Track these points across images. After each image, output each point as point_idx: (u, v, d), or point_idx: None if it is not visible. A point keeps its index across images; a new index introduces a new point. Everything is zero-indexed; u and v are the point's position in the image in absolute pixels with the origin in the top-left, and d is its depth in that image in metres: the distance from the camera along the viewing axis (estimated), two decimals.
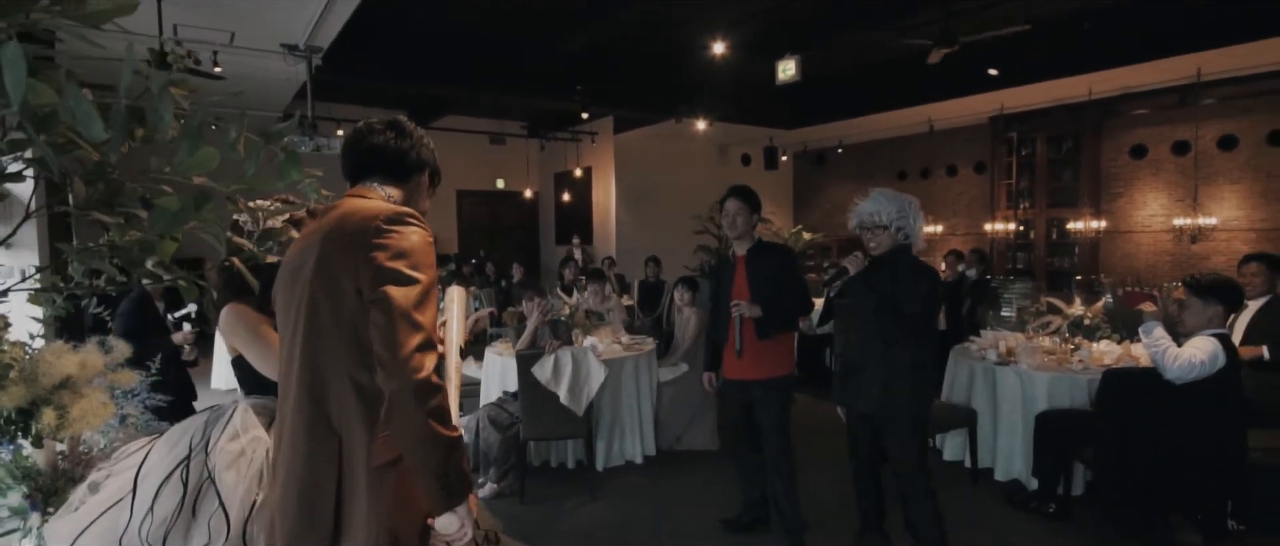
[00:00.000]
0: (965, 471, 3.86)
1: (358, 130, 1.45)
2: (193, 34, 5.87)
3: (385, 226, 1.25)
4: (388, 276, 1.20)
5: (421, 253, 1.26)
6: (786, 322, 2.98)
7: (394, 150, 1.42)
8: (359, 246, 1.23)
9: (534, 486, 3.78)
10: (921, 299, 2.59)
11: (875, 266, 2.71)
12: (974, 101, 8.88)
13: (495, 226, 13.14)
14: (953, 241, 10.66)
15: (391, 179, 1.42)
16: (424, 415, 1.16)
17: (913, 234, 2.68)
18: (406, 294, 1.19)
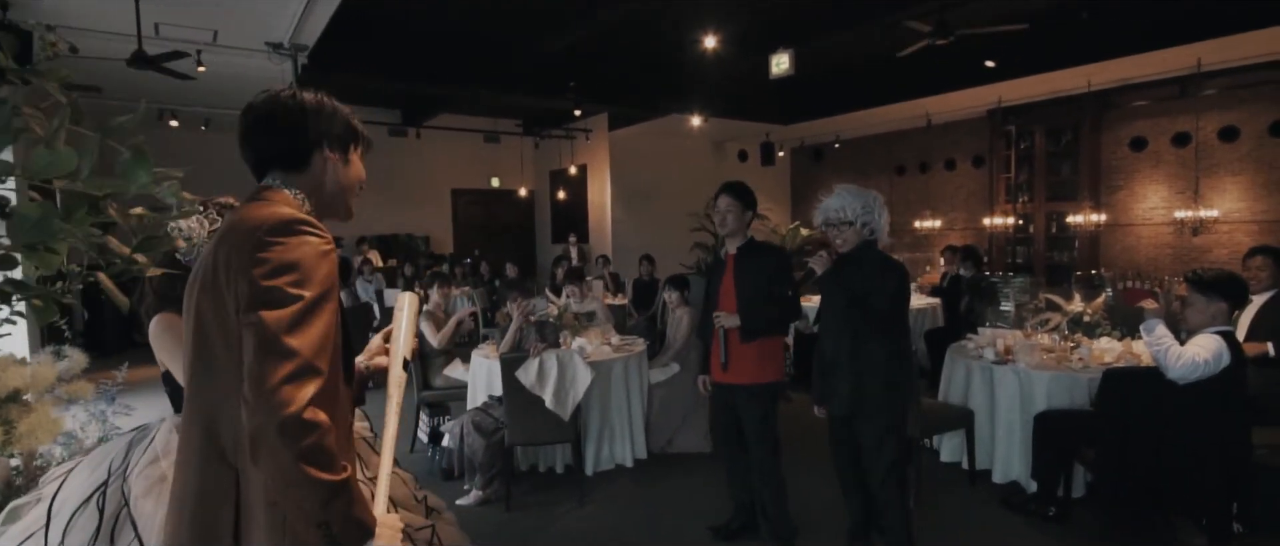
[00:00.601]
0: (963, 473, 3.77)
1: (241, 119, 1.24)
2: (175, 32, 5.78)
3: (267, 238, 1.08)
4: (261, 297, 1.05)
5: (310, 265, 1.09)
6: (772, 327, 2.87)
7: (280, 135, 1.22)
8: (238, 261, 1.08)
9: (521, 493, 3.70)
10: (890, 294, 2.56)
11: (843, 263, 2.69)
12: (971, 94, 8.78)
13: (491, 225, 13.05)
14: (951, 236, 10.57)
15: (290, 168, 1.23)
16: (294, 456, 1.00)
17: (878, 229, 2.67)
18: (280, 316, 1.04)
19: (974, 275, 6.11)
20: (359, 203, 5.05)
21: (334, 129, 1.27)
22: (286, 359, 1.02)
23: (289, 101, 1.23)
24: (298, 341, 1.04)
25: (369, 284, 9.14)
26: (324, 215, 1.29)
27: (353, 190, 1.34)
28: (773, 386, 2.90)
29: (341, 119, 1.29)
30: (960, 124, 10.34)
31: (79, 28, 5.40)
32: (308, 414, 1.02)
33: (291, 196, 1.22)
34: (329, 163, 1.26)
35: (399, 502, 1.89)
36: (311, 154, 1.25)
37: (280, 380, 1.01)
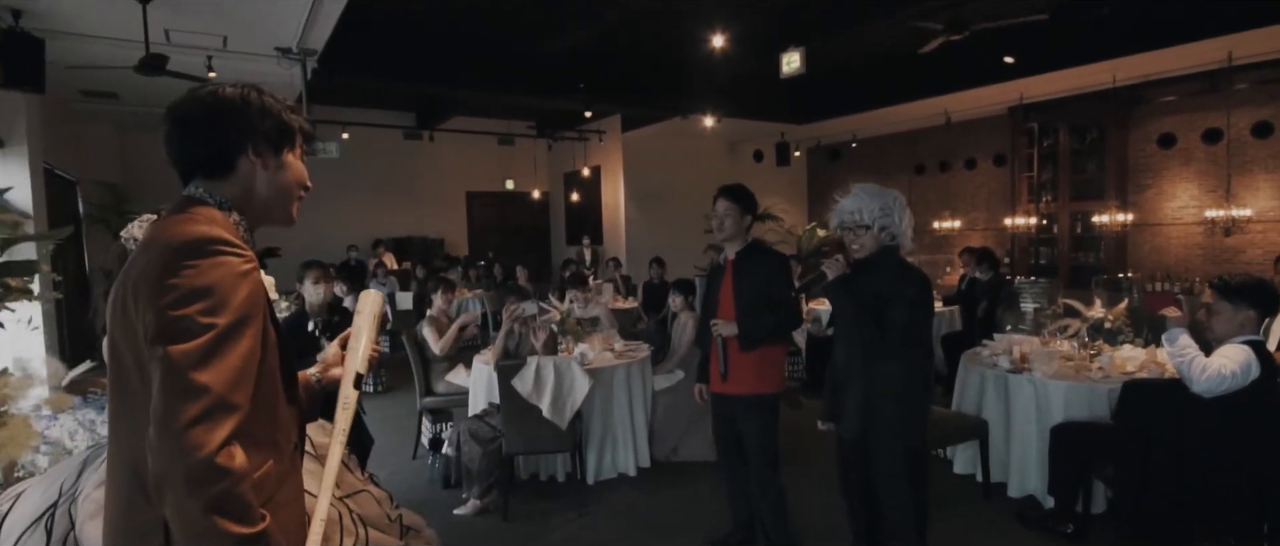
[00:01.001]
0: (976, 485, 3.62)
1: (164, 119, 1.12)
2: (185, 38, 5.82)
3: (178, 263, 0.98)
4: (168, 329, 0.95)
5: (225, 289, 0.99)
6: (771, 335, 2.77)
7: (199, 139, 1.11)
8: (146, 289, 0.99)
9: (520, 501, 3.63)
10: (909, 305, 2.36)
11: (858, 270, 2.51)
12: (992, 91, 8.55)
13: (506, 227, 13.06)
14: (972, 237, 10.33)
15: (214, 175, 1.12)
16: (202, 506, 0.91)
17: (899, 233, 2.47)
18: (187, 350, 0.94)
19: (990, 278, 5.92)
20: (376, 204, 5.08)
21: (262, 128, 1.14)
22: (195, 397, 0.93)
23: (208, 99, 1.12)
24: (208, 377, 0.95)
25: (382, 287, 9.18)
26: (261, 223, 1.19)
27: (293, 194, 1.22)
28: (772, 397, 2.80)
29: (273, 116, 1.16)
30: (981, 122, 10.09)
31: (89, 35, 5.46)
32: (219, 458, 0.93)
33: (216, 210, 1.11)
34: (257, 167, 1.14)
35: (371, 523, 1.83)
36: (236, 159, 1.13)
37: (188, 421, 0.92)
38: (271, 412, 1.13)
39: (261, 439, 1.09)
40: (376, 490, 1.90)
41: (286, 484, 1.15)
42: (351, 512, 1.71)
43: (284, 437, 1.18)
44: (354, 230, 11.14)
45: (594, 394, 3.82)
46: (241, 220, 1.15)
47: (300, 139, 1.23)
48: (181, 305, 0.96)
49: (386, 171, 11.66)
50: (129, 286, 1.01)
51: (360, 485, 1.84)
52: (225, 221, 1.11)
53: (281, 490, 1.13)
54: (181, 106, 1.12)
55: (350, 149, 10.43)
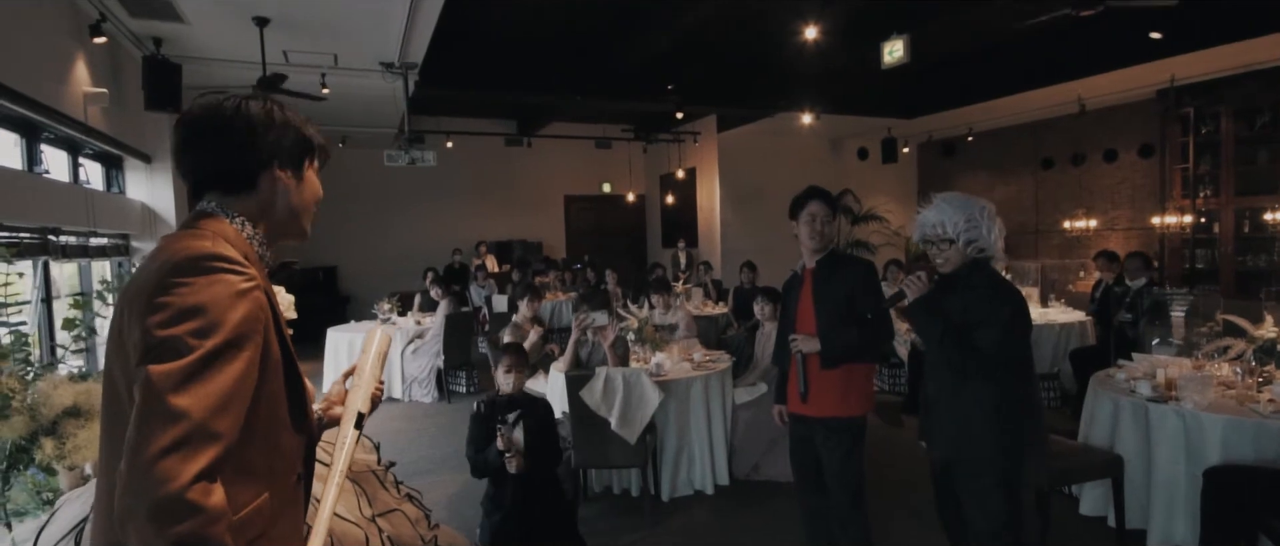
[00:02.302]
0: (1108, 531, 3.12)
1: (174, 129, 1.10)
2: (301, 58, 6.25)
3: (172, 279, 0.93)
4: (154, 349, 0.89)
5: (219, 309, 0.93)
6: (857, 353, 2.49)
7: (221, 153, 1.07)
8: (138, 307, 0.94)
9: (591, 516, 3.54)
10: (1003, 325, 2.08)
11: (944, 287, 2.22)
12: (1136, 73, 7.54)
13: (603, 230, 13.18)
14: (1111, 239, 9.22)
15: (233, 191, 1.09)
16: (166, 544, 0.83)
17: (989, 246, 2.17)
18: (169, 372, 0.87)
19: (1141, 284, 5.18)
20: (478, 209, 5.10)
21: (285, 144, 1.12)
22: (171, 423, 0.86)
23: (233, 113, 1.08)
24: (187, 401, 0.87)
25: (481, 289, 9.50)
26: (278, 239, 1.16)
27: (309, 209, 1.19)
28: (857, 421, 2.53)
29: (294, 131, 1.14)
30: (1122, 108, 8.97)
31: (218, 59, 5.98)
32: (191, 493, 0.85)
33: (231, 225, 1.07)
34: (279, 183, 1.12)
35: (402, 543, 1.79)
36: (259, 174, 1.10)
37: (159, 451, 0.84)
38: (271, 440, 1.06)
39: (257, 468, 1.03)
40: (412, 509, 1.85)
41: (282, 519, 1.08)
42: (381, 533, 1.66)
43: (285, 467, 1.11)
44: (458, 234, 11.63)
45: (669, 406, 3.67)
46: (256, 234, 1.11)
47: (318, 153, 1.20)
48: (170, 325, 0.91)
49: (488, 177, 12.10)
50: (125, 308, 0.97)
51: (393, 504, 1.80)
52: (236, 236, 1.07)
53: (276, 525, 1.06)
54: (202, 117, 1.08)
55: (454, 156, 10.92)
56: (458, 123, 10.70)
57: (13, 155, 4.43)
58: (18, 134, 4.44)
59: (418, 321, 6.94)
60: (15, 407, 1.89)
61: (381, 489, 1.85)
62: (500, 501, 2.69)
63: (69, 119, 4.54)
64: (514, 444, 2.57)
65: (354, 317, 8.49)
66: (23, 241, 4.08)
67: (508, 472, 2.59)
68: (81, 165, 5.29)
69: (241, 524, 0.99)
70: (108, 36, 4.90)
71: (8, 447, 1.94)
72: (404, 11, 5.16)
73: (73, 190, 4.87)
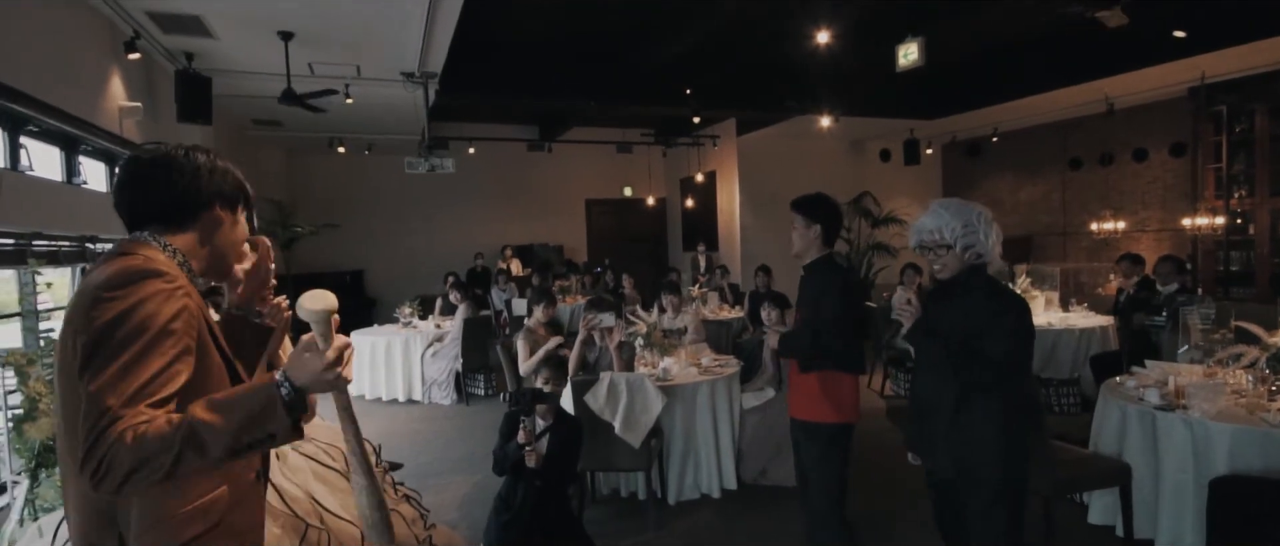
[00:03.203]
0: (1116, 540, 3.08)
1: (123, 166, 1.21)
2: (325, 69, 6.45)
3: (103, 295, 1.01)
4: (89, 361, 0.98)
5: (148, 311, 1.02)
6: (806, 358, 2.51)
7: (166, 190, 1.16)
8: (75, 324, 1.03)
9: (597, 518, 3.60)
10: (1009, 333, 2.08)
11: (942, 295, 2.23)
12: (1165, 71, 7.36)
13: (624, 234, 13.26)
14: (1142, 241, 9.01)
15: (171, 225, 1.18)
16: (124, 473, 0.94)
17: (986, 252, 2.16)
18: (105, 379, 0.97)
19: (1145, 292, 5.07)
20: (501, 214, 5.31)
21: (225, 189, 1.23)
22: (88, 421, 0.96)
23: (183, 159, 1.19)
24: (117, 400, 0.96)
25: (503, 293, 9.64)
26: (206, 274, 1.24)
27: (237, 250, 1.29)
28: (830, 428, 2.53)
29: (233, 178, 1.25)
30: (1152, 106, 8.75)
31: (245, 72, 6.19)
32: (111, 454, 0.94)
33: (161, 251, 1.14)
34: (219, 220, 1.22)
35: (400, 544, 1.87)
36: (200, 212, 1.20)
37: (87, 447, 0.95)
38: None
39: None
40: (408, 509, 1.93)
41: (239, 510, 1.18)
42: None
43: (242, 464, 1.19)
44: (481, 238, 11.82)
45: (676, 411, 3.72)
46: (186, 263, 1.18)
47: (248, 201, 1.31)
48: (101, 337, 0.99)
49: (511, 182, 12.27)
50: (67, 326, 1.06)
51: (392, 504, 1.88)
52: (166, 260, 1.14)
53: (233, 515, 1.16)
54: (152, 160, 1.18)
55: (477, 162, 11.11)
56: (481, 129, 10.87)
57: (54, 168, 4.67)
58: (58, 147, 4.67)
59: (437, 325, 7.09)
60: (42, 409, 2.02)
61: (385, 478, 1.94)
62: (511, 501, 2.76)
63: (106, 132, 4.77)
64: (534, 438, 2.66)
65: (378, 321, 8.69)
66: (62, 249, 4.30)
67: (522, 473, 2.67)
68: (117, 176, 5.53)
69: (198, 512, 1.09)
70: (142, 52, 5.13)
71: (36, 447, 2.06)
72: (421, 23, 5.30)
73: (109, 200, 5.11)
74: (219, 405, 1.01)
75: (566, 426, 2.86)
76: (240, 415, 1.00)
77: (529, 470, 2.65)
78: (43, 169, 4.30)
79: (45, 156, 4.53)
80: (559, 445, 2.75)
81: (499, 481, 2.83)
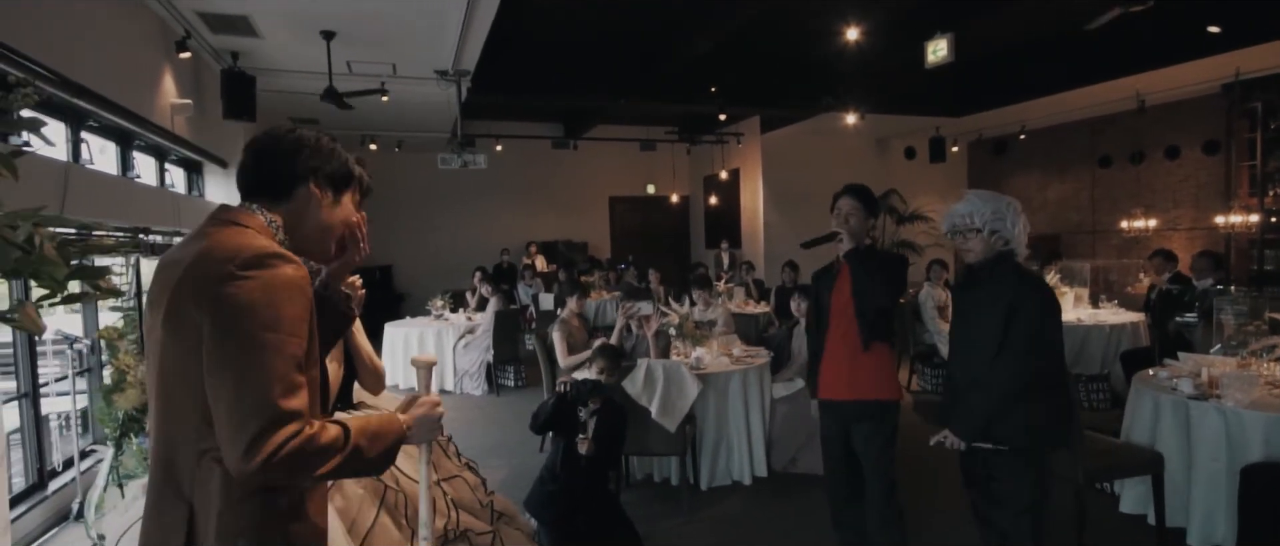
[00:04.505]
0: (1149, 529, 3.11)
1: (241, 161, 1.25)
2: (363, 68, 6.63)
3: (238, 272, 1.04)
4: (224, 342, 1.02)
5: (281, 302, 1.06)
6: (882, 318, 2.62)
7: (268, 165, 1.21)
8: (205, 296, 1.05)
9: (631, 502, 3.69)
10: (1038, 313, 2.19)
11: (969, 281, 2.38)
12: (1198, 67, 7.30)
13: (647, 231, 13.36)
14: (1174, 239, 8.90)
15: (272, 197, 1.22)
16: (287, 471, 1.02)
17: (1012, 239, 2.28)
18: (246, 362, 1.02)
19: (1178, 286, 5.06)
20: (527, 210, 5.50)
21: (327, 167, 1.25)
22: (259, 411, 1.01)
23: (286, 136, 1.24)
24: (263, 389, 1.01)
25: (529, 288, 9.80)
26: (300, 251, 1.25)
27: (336, 231, 1.31)
28: (893, 405, 2.65)
29: (340, 160, 1.28)
30: (1185, 104, 8.64)
31: (288, 70, 6.39)
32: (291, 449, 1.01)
33: (264, 221, 1.19)
34: (314, 197, 1.24)
35: (464, 506, 1.98)
36: (296, 186, 1.22)
37: (254, 434, 1.00)
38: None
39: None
40: (471, 476, 2.05)
41: (311, 502, 1.20)
42: (446, 496, 1.86)
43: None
44: (506, 234, 12.00)
45: (708, 399, 3.81)
46: (284, 240, 1.22)
47: (358, 187, 1.35)
48: (239, 317, 1.03)
49: (536, 179, 12.42)
50: (186, 294, 1.07)
51: (456, 471, 2.00)
52: (266, 231, 1.19)
53: (306, 504, 1.19)
54: (261, 140, 1.25)
55: (503, 159, 11.27)
56: (507, 126, 11.04)
57: (110, 162, 4.88)
58: (114, 142, 4.88)
59: (469, 318, 7.24)
60: (129, 381, 2.16)
61: (444, 457, 2.05)
62: (557, 474, 2.89)
63: (158, 127, 4.97)
64: (589, 427, 2.79)
65: (409, 314, 8.88)
66: (118, 240, 4.50)
67: (573, 454, 2.80)
68: (166, 170, 5.75)
69: (276, 495, 1.12)
70: (191, 52, 5.33)
71: (122, 417, 2.21)
72: (458, 22, 5.44)
73: (160, 193, 5.32)
74: (369, 437, 1.13)
75: (612, 413, 2.97)
76: (377, 452, 1.14)
77: (576, 452, 2.77)
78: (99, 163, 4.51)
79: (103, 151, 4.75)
80: (605, 430, 2.86)
81: (531, 466, 2.96)
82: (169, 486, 1.10)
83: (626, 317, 3.90)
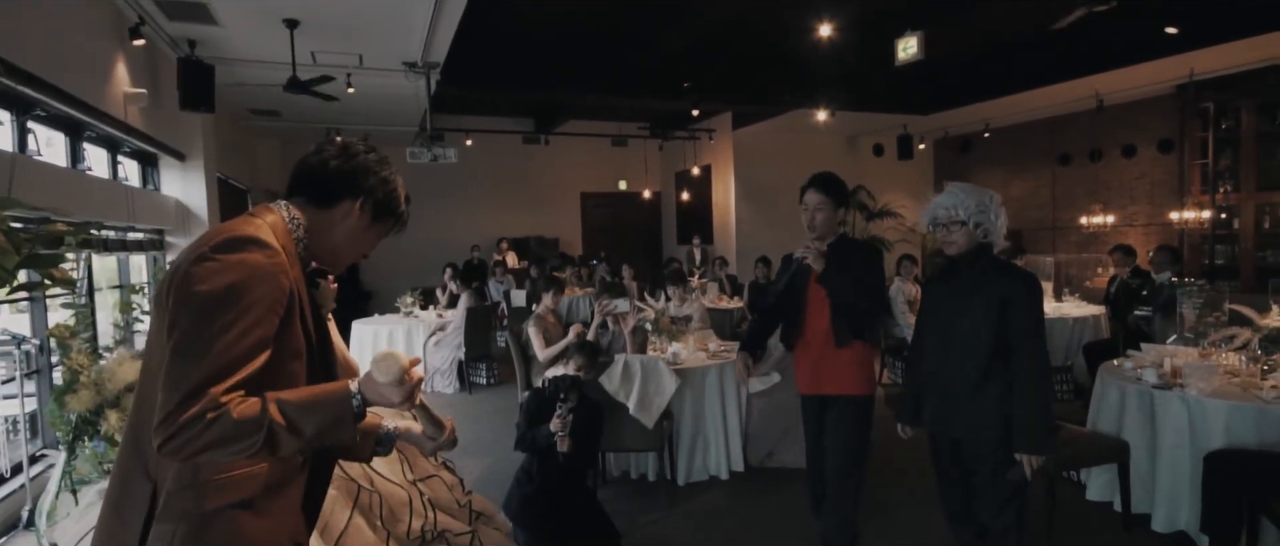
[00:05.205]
0: (1114, 516, 3.19)
1: (323, 142, 1.29)
2: (328, 58, 6.44)
3: (209, 253, 1.05)
4: (176, 322, 1.02)
5: (242, 290, 1.05)
6: (865, 320, 2.61)
7: (322, 170, 1.24)
8: (176, 277, 1.06)
9: (609, 499, 3.65)
10: (1037, 303, 2.24)
11: (949, 272, 2.39)
12: (1155, 68, 7.52)
13: (618, 227, 13.31)
14: (1130, 234, 9.19)
15: (311, 201, 1.24)
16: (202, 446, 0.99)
17: (993, 232, 2.30)
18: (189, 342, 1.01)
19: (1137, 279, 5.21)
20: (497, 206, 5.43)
21: (377, 194, 1.27)
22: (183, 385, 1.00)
23: (360, 153, 1.27)
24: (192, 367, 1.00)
25: (500, 284, 9.67)
26: (315, 256, 1.27)
27: (356, 254, 1.32)
28: (871, 401, 2.67)
29: (390, 190, 1.30)
30: (1141, 103, 8.92)
31: (249, 60, 6.18)
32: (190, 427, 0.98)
33: (283, 216, 1.20)
34: (352, 215, 1.26)
35: (440, 506, 1.92)
36: (342, 199, 1.25)
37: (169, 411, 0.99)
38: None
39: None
40: (448, 476, 1.99)
41: (278, 494, 1.17)
42: (422, 496, 1.80)
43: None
44: (477, 231, 11.83)
45: (685, 394, 3.79)
46: (304, 238, 1.22)
47: (394, 224, 1.35)
48: (196, 300, 1.03)
49: (506, 174, 12.27)
50: (170, 276, 1.09)
51: (432, 470, 1.94)
52: (283, 228, 1.18)
53: (269, 498, 1.15)
54: (337, 146, 1.26)
55: (473, 154, 11.10)
56: (476, 121, 10.88)
57: (59, 153, 4.65)
58: (63, 132, 4.65)
59: (439, 315, 7.12)
60: (83, 382, 2.05)
61: (420, 456, 1.99)
62: (534, 475, 2.83)
63: (110, 118, 4.75)
64: (567, 425, 2.71)
65: (377, 311, 8.70)
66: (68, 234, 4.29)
67: (551, 453, 2.73)
68: (120, 163, 5.51)
69: (230, 483, 1.10)
70: (146, 39, 5.11)
71: (75, 420, 2.10)
72: (427, 12, 5.32)
73: (113, 186, 5.09)
74: (298, 408, 1.06)
75: (588, 409, 2.93)
76: (315, 424, 1.07)
77: (554, 450, 2.72)
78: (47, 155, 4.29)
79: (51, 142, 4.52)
80: (581, 427, 2.82)
81: (506, 464, 2.90)
82: (137, 463, 1.11)
83: (603, 315, 3.85)
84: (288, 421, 1.04)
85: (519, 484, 2.80)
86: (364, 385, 1.14)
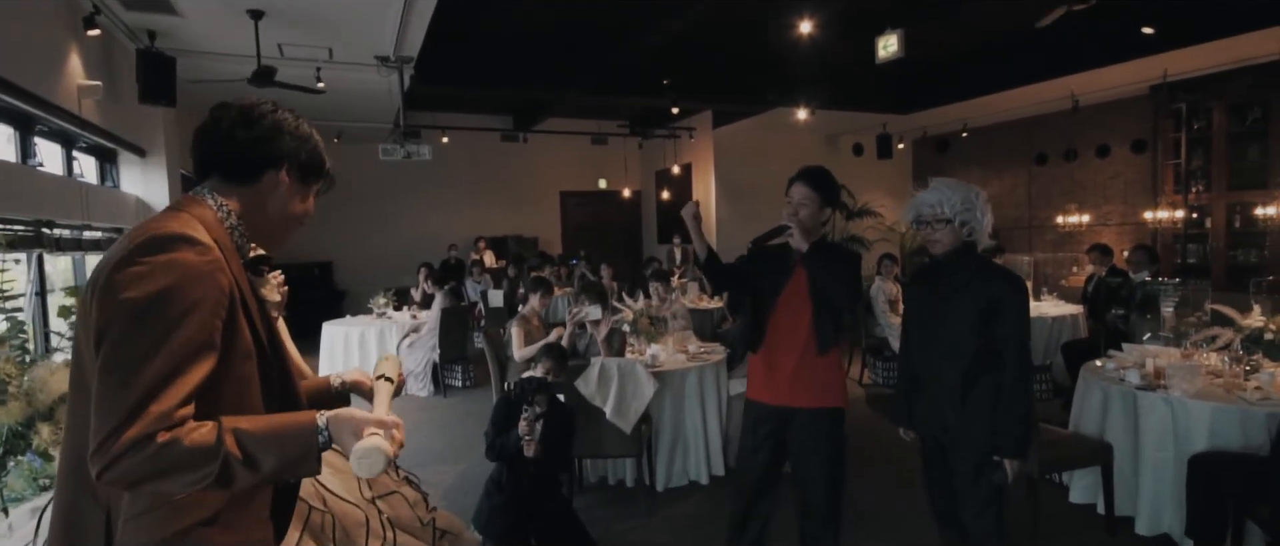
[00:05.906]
0: (1097, 518, 3.16)
1: (203, 121, 1.14)
2: (296, 52, 6.24)
3: (133, 256, 0.95)
4: (105, 334, 0.92)
5: (176, 295, 0.94)
6: (841, 325, 2.53)
7: (230, 143, 1.10)
8: (99, 284, 0.96)
9: (586, 505, 3.56)
10: (1024, 309, 2.16)
11: (933, 270, 2.30)
12: (1129, 68, 7.58)
13: (599, 226, 13.18)
14: (1104, 233, 9.28)
15: (234, 178, 1.12)
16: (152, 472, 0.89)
17: (978, 230, 2.23)
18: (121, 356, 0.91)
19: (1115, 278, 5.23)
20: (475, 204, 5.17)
21: (301, 155, 1.16)
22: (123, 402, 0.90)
23: (265, 114, 1.13)
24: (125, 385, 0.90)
25: (477, 284, 9.50)
26: (256, 240, 1.17)
27: (296, 224, 1.21)
28: (840, 414, 2.47)
29: (313, 147, 1.18)
30: (1115, 104, 9.02)
31: (213, 53, 5.96)
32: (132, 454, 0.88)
33: (213, 210, 1.09)
34: (281, 185, 1.15)
35: (401, 525, 1.80)
36: (265, 169, 1.13)
37: (112, 431, 0.89)
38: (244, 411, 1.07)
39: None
40: (411, 492, 1.87)
41: (242, 508, 1.08)
42: (381, 514, 1.68)
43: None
44: (454, 229, 11.63)
45: (664, 397, 3.70)
46: (238, 226, 1.12)
47: (323, 181, 1.25)
48: (124, 309, 0.93)
49: (484, 173, 12.09)
50: (93, 285, 0.99)
51: (393, 486, 1.82)
52: (215, 221, 1.08)
53: (234, 511, 1.06)
54: (233, 108, 1.12)
55: (450, 152, 10.91)
56: (454, 118, 10.69)
57: (6, 148, 4.43)
58: (12, 126, 4.43)
59: (413, 315, 6.95)
60: (12, 393, 1.90)
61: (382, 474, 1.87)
62: (503, 484, 2.71)
63: (63, 111, 4.53)
64: (535, 429, 2.59)
65: (349, 312, 8.49)
66: (16, 234, 4.08)
67: (520, 459, 2.61)
68: (75, 158, 5.28)
69: (193, 502, 1.00)
70: (102, 29, 4.89)
71: (4, 433, 1.95)
72: (399, 4, 5.16)
73: (67, 183, 4.86)
74: (258, 441, 0.96)
75: (559, 413, 2.81)
76: (275, 459, 0.97)
77: (524, 456, 2.61)
78: None
79: None
80: (552, 432, 2.71)
81: (480, 471, 2.78)
82: (83, 492, 1.00)
83: (575, 322, 3.74)
84: (244, 455, 0.94)
85: (488, 494, 2.68)
86: (333, 423, 1.03)
